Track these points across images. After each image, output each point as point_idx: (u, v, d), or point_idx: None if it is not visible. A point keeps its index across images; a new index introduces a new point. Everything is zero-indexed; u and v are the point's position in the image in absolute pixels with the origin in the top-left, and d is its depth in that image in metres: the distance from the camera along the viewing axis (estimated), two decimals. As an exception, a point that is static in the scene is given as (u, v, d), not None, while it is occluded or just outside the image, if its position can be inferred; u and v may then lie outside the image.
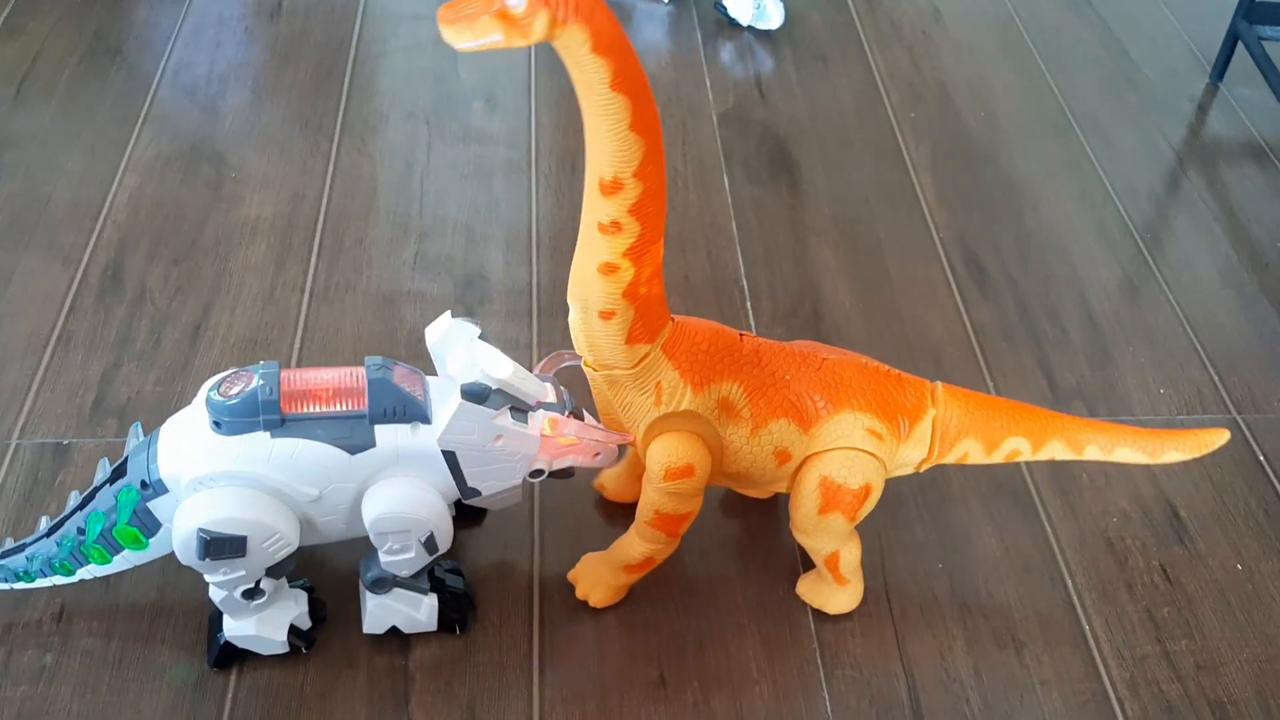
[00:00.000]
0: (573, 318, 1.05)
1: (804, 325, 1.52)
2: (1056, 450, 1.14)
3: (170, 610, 1.15)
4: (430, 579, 1.13)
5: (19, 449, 1.30)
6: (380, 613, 1.12)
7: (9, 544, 1.12)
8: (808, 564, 1.23)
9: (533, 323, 1.50)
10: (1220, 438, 1.15)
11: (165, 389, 1.38)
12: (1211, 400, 1.46)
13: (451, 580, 1.15)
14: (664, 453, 1.08)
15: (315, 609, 1.13)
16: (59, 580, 1.10)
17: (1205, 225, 1.74)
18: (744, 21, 2.05)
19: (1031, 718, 1.13)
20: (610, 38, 0.89)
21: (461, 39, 0.86)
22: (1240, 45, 1.96)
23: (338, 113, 1.82)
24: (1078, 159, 1.84)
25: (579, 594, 1.17)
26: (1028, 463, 1.14)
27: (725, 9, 2.06)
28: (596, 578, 1.17)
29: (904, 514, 1.30)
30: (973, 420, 1.12)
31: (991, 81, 2.00)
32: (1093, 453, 1.14)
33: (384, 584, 1.10)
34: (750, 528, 1.27)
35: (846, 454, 1.09)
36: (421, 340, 1.46)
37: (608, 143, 0.93)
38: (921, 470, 1.15)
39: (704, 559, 1.24)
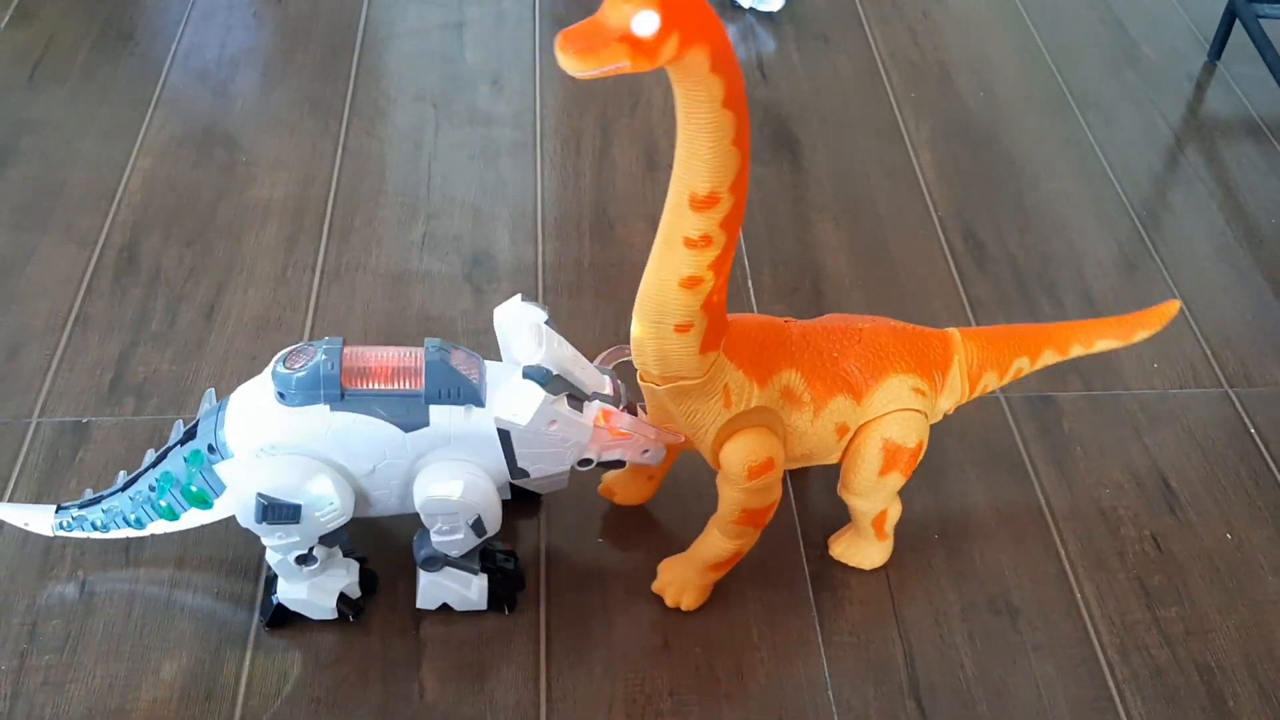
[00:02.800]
0: (639, 335, 1.03)
1: (805, 301, 1.55)
2: (1049, 358, 1.23)
3: (189, 581, 1.19)
4: (483, 559, 1.16)
5: (39, 428, 1.34)
6: (432, 589, 1.16)
7: (89, 494, 1.17)
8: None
9: (539, 300, 1.53)
10: (1172, 308, 1.26)
11: (181, 368, 1.41)
12: (1205, 374, 1.49)
13: (503, 561, 1.19)
14: (743, 452, 1.09)
15: (366, 580, 1.17)
16: (131, 532, 1.16)
17: (1202, 202, 1.76)
18: (746, 4, 2.08)
19: (1024, 682, 1.16)
20: (726, 55, 0.88)
21: (585, 68, 0.83)
22: (1238, 24, 1.98)
23: (346, 95, 1.85)
24: (1076, 137, 1.87)
25: (669, 602, 1.19)
26: (1029, 374, 1.24)
27: (728, -10, 2.08)
28: (684, 582, 1.19)
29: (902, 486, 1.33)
30: (987, 354, 1.19)
31: (991, 60, 2.02)
32: (1077, 350, 1.24)
33: (435, 563, 1.14)
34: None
35: (902, 415, 1.13)
36: (430, 319, 1.50)
37: (709, 158, 0.92)
38: (951, 413, 1.20)
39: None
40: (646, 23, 0.83)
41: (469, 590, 1.16)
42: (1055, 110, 1.92)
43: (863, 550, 1.23)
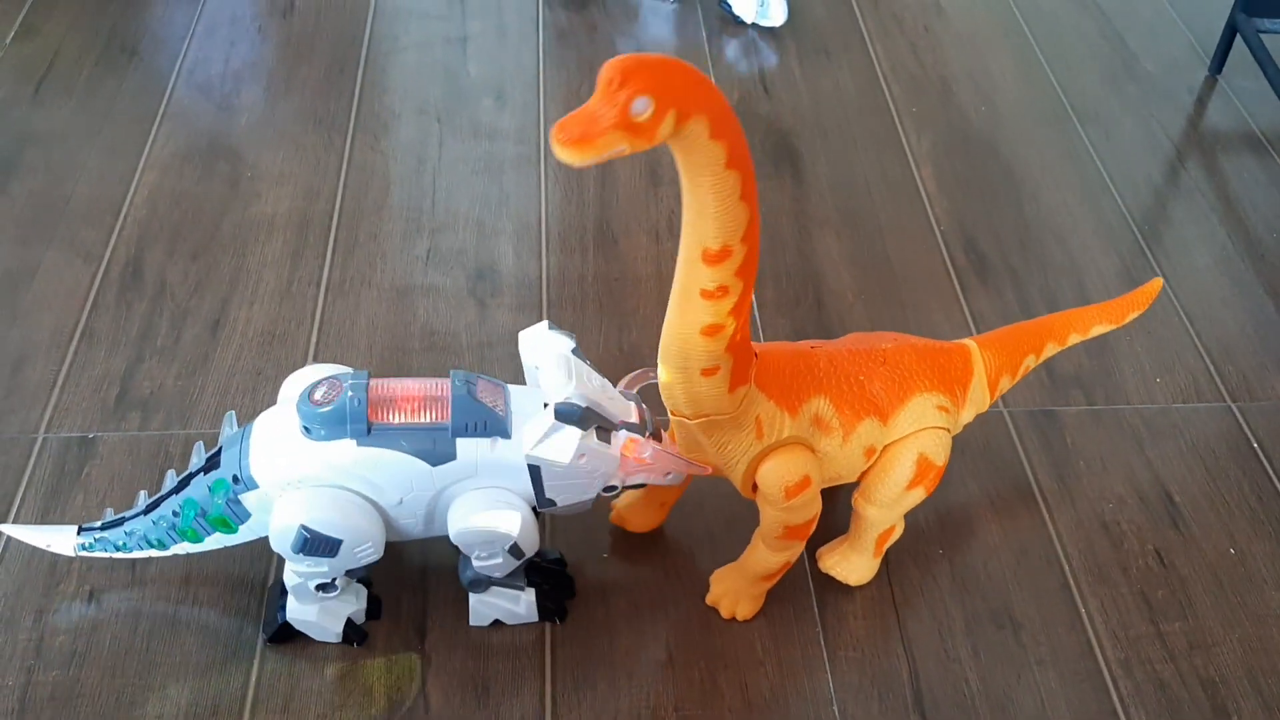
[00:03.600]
0: (667, 379, 1.04)
1: (807, 314, 1.55)
2: (1051, 350, 1.26)
3: (195, 597, 1.20)
4: (529, 572, 1.17)
5: (45, 443, 1.34)
6: (482, 608, 1.17)
7: (110, 515, 1.17)
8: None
9: (542, 315, 1.53)
10: (1155, 286, 1.29)
11: (186, 382, 1.42)
12: (1206, 388, 1.50)
13: (551, 571, 1.19)
14: (779, 474, 1.10)
15: (371, 606, 1.18)
16: (154, 553, 1.16)
17: (1203, 215, 1.77)
18: (748, 19, 2.08)
19: (1028, 695, 1.16)
20: (726, 120, 0.89)
21: (584, 157, 0.84)
22: (1239, 38, 1.99)
23: (350, 109, 1.86)
24: (1077, 150, 1.87)
25: (725, 614, 1.20)
26: (1035, 368, 1.29)
27: (730, 6, 2.09)
28: (738, 593, 1.20)
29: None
30: (1002, 359, 1.22)
31: (992, 73, 2.03)
32: (1074, 338, 1.27)
33: (481, 584, 1.14)
34: (756, 512, 1.30)
35: (933, 433, 1.15)
36: (434, 333, 1.50)
37: (718, 215, 0.93)
38: (970, 422, 1.22)
39: (710, 544, 1.27)
40: (641, 107, 0.84)
41: (518, 606, 1.17)
42: (1056, 123, 1.92)
43: (853, 565, 1.23)
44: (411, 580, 1.20)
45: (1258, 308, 1.61)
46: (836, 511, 1.27)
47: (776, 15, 2.08)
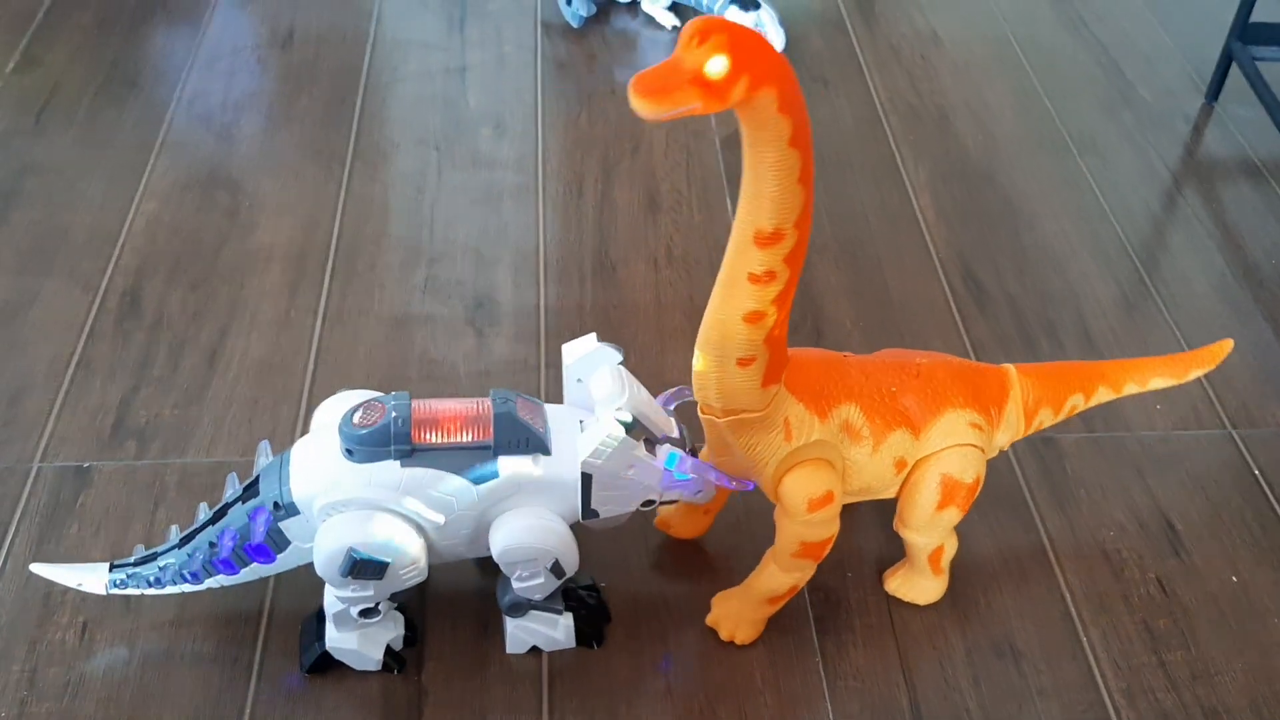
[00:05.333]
0: (701, 367, 1.05)
1: (806, 343, 1.54)
2: (1103, 394, 1.24)
3: (190, 624, 1.19)
4: (566, 597, 1.17)
5: (40, 472, 1.34)
6: (520, 634, 1.16)
7: (141, 551, 1.16)
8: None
9: (540, 344, 1.53)
10: (1225, 346, 1.26)
11: (184, 412, 1.41)
12: (1207, 415, 1.49)
13: (587, 597, 1.19)
14: (803, 486, 1.10)
15: (408, 631, 1.17)
16: (187, 588, 1.15)
17: (1200, 242, 1.77)
18: (746, 46, 2.09)
19: (1030, 726, 1.15)
20: (794, 97, 0.90)
21: (659, 110, 0.86)
22: (1235, 65, 1.99)
23: (349, 140, 1.86)
24: (1074, 178, 1.88)
25: (724, 636, 1.20)
26: (1082, 411, 1.25)
27: (727, 34, 2.10)
28: (739, 617, 1.20)
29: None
30: (1043, 390, 1.21)
31: (989, 103, 2.03)
32: (1131, 388, 1.25)
33: (520, 608, 1.14)
34: (756, 540, 1.30)
35: (960, 450, 1.14)
36: (432, 362, 1.50)
37: (776, 195, 0.94)
38: (1006, 449, 1.21)
39: (708, 573, 1.27)
40: (717, 66, 0.86)
41: (555, 631, 1.16)
42: (1053, 152, 1.93)
43: (918, 586, 1.24)
44: (409, 611, 1.19)
45: (1257, 335, 1.61)
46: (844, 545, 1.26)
47: (774, 43, 2.08)
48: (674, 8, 2.17)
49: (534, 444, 1.06)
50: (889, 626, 1.23)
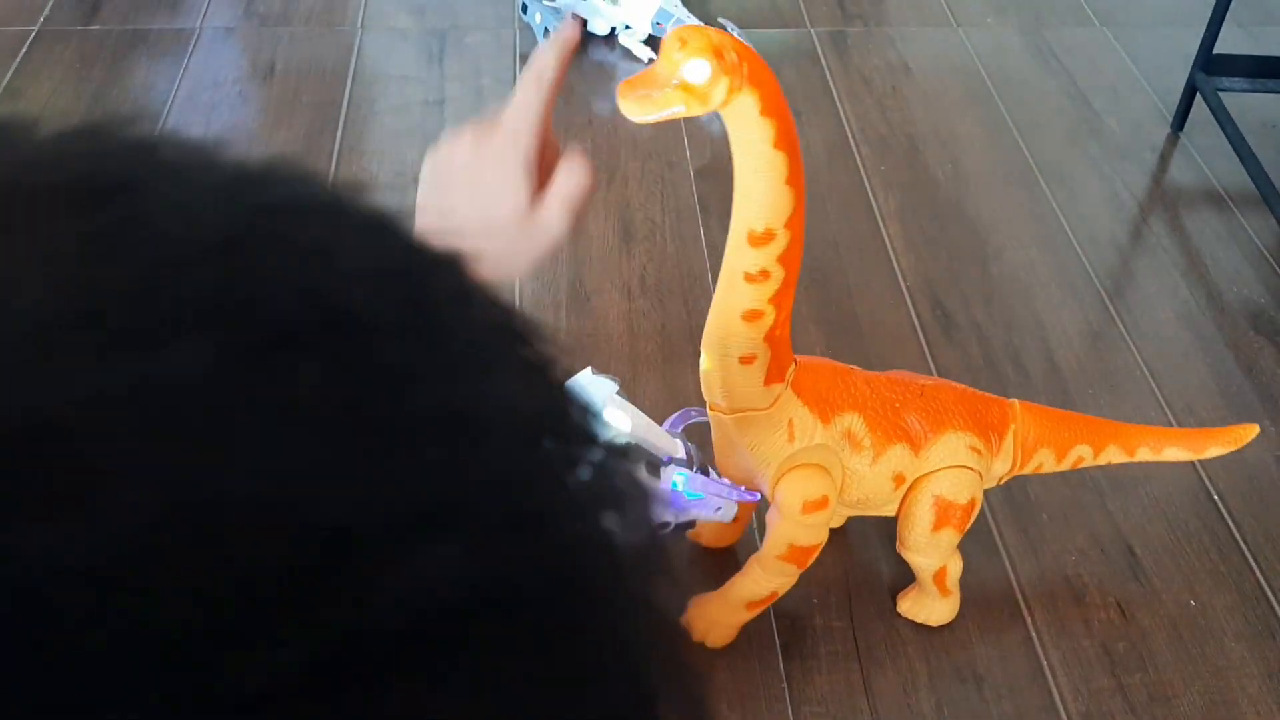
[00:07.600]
0: (707, 366, 1.09)
1: (776, 373, 1.58)
2: (1113, 454, 1.24)
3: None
4: None
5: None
6: None
7: None
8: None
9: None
10: (1250, 431, 1.25)
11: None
12: (1168, 441, 1.52)
13: None
14: (800, 487, 1.13)
15: None
16: None
17: (1165, 270, 1.80)
18: (720, 78, 2.13)
19: (990, 749, 1.18)
20: (776, 100, 0.95)
21: (645, 113, 0.92)
22: (1199, 97, 2.03)
23: (329, 172, 1.89)
24: (1041, 208, 1.91)
25: (696, 636, 1.21)
26: (1089, 467, 1.25)
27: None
28: (713, 619, 1.21)
29: (869, 553, 1.35)
30: (1046, 431, 1.21)
31: (958, 133, 2.07)
32: (1144, 454, 1.25)
33: None
34: (722, 565, 1.32)
35: (955, 472, 1.16)
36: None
37: (763, 197, 0.98)
38: (1003, 483, 1.22)
39: (675, 596, 1.29)
40: (699, 70, 0.91)
41: None
42: (1021, 182, 1.96)
43: (929, 607, 1.26)
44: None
45: (1218, 361, 1.64)
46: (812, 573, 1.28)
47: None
48: (650, 41, 2.21)
49: None
50: (854, 653, 1.25)
